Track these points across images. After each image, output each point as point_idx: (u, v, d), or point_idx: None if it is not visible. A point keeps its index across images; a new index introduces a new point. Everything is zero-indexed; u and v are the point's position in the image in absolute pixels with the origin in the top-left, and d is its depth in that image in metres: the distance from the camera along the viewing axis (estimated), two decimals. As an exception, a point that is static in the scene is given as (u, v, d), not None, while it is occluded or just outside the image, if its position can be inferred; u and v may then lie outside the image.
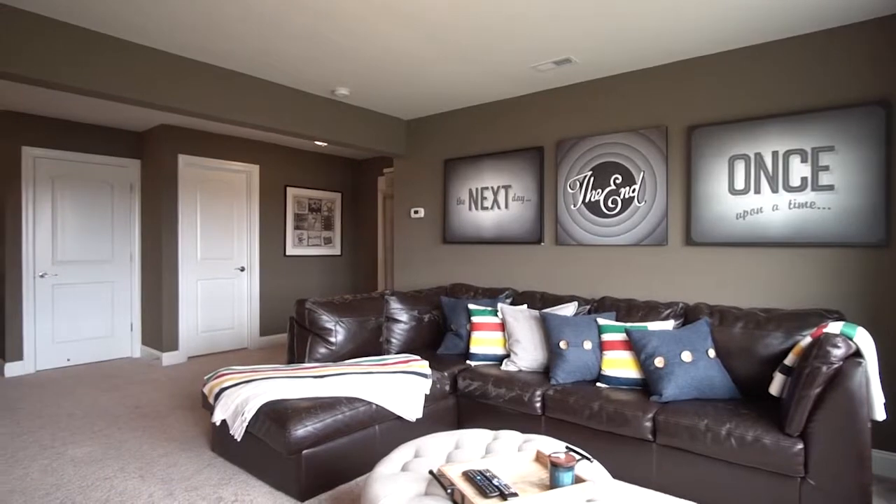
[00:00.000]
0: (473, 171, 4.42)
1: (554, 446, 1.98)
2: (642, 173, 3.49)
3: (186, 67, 3.37)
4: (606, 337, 2.97)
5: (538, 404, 2.85)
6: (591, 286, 3.76)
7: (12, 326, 4.70)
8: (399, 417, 2.79)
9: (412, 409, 2.78)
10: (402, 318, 3.67)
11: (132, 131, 5.44)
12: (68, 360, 5.07)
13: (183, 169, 5.29)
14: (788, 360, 2.43)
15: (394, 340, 3.61)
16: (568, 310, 3.37)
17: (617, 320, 3.17)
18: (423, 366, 3.07)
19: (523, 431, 2.93)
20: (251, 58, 3.38)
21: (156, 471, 2.73)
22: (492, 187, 4.29)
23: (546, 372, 3.15)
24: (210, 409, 2.82)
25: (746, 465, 2.24)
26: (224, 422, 2.66)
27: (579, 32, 2.96)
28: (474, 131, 4.47)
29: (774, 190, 2.99)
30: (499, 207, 4.25)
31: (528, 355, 3.20)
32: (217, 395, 2.68)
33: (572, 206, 3.82)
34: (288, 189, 6.26)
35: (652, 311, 3.12)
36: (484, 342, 3.42)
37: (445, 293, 4.16)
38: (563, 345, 3.00)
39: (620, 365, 2.86)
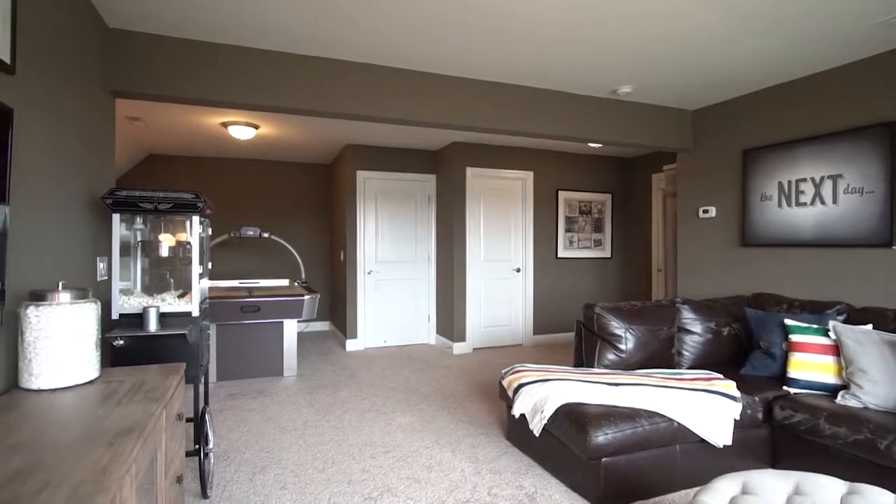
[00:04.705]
0: (784, 161, 3.72)
1: (956, 521, 1.49)
2: None
3: (478, 89, 3.74)
4: None
5: (902, 456, 2.22)
6: (981, 305, 2.76)
7: (351, 312, 6.03)
8: (702, 441, 2.53)
9: (720, 435, 2.48)
10: (695, 329, 3.33)
11: (429, 150, 6.37)
12: (384, 341, 6.24)
13: (470, 180, 5.93)
14: None
15: (686, 353, 3.31)
16: (945, 336, 2.54)
17: None
18: (730, 386, 2.72)
19: (872, 484, 2.31)
20: (528, 74, 3.55)
21: (463, 448, 3.10)
22: (812, 178, 3.54)
23: (909, 414, 2.43)
24: (507, 400, 3.06)
25: None
26: (522, 416, 2.85)
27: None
28: (783, 114, 3.77)
29: None
30: (822, 202, 3.48)
31: (878, 390, 2.52)
32: (516, 390, 2.90)
33: (947, 198, 2.86)
34: (559, 193, 6.40)
35: None
36: (808, 366, 2.84)
37: (747, 304, 3.61)
38: (941, 383, 2.26)
39: None
